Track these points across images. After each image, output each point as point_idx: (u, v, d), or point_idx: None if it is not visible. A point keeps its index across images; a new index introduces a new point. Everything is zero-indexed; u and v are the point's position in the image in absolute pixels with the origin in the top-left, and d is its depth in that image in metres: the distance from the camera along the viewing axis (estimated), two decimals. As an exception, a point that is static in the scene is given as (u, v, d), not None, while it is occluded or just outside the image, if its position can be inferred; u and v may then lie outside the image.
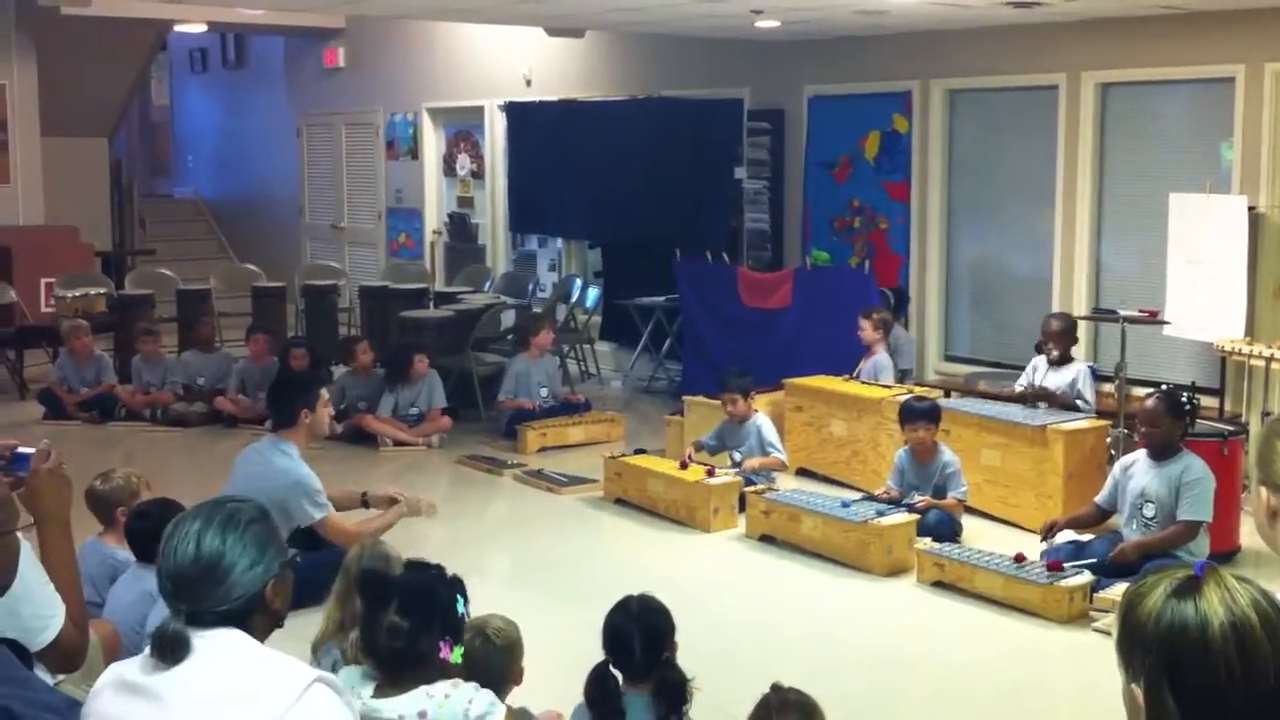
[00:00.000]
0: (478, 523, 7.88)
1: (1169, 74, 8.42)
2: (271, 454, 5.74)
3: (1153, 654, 1.67)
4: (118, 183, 14.89)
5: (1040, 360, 7.70)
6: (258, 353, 9.98)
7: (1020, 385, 7.81)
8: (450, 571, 3.30)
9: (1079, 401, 7.41)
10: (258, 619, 2.30)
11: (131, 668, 2.25)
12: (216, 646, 2.23)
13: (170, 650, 2.21)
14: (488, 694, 2.98)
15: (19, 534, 2.56)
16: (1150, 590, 1.71)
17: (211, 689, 2.18)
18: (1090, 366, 7.79)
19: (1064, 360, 7.60)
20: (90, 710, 2.28)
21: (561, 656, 4.03)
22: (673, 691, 3.62)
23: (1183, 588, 1.68)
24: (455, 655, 3.02)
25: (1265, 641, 1.64)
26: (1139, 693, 1.68)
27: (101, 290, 11.66)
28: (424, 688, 2.90)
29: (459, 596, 3.15)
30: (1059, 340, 7.59)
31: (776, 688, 3.34)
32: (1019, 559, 6.01)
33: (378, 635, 2.95)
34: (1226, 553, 6.42)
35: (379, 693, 3.00)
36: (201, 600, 2.26)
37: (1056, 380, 7.54)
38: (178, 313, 11.69)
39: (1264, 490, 2.01)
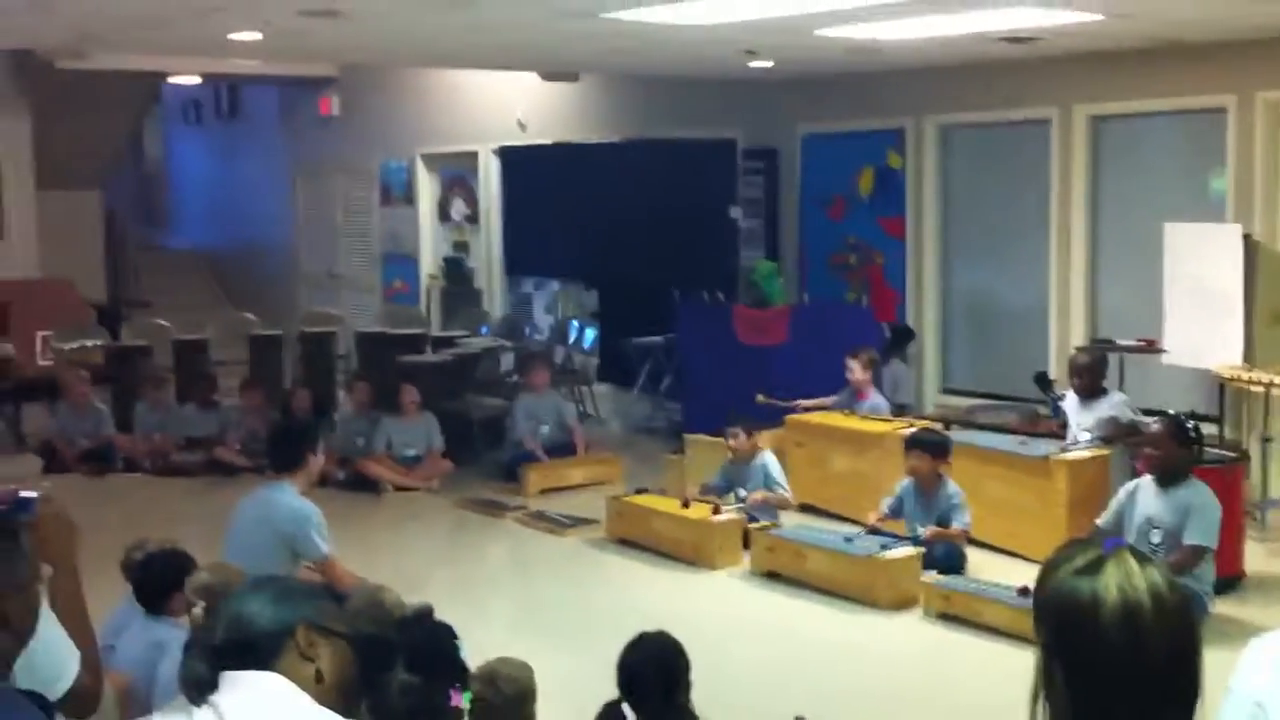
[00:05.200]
0: (481, 566, 7.87)
1: (1161, 105, 8.48)
2: (273, 495, 5.70)
3: (1048, 626, 1.70)
4: (112, 234, 14.92)
5: (1071, 397, 7.46)
6: (252, 405, 10.01)
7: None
8: (440, 618, 3.28)
9: (1139, 425, 7.01)
10: (291, 665, 2.27)
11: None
12: (251, 690, 2.21)
13: (194, 686, 2.21)
14: None
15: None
16: (1062, 562, 1.73)
17: None
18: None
19: (1095, 393, 7.35)
20: None
21: (571, 698, 4.01)
22: None
23: (1087, 566, 1.70)
24: (465, 700, 3.01)
25: (1155, 627, 1.65)
26: (1039, 660, 1.71)
27: (98, 342, 11.66)
28: None
29: (456, 641, 3.13)
30: (1087, 375, 7.33)
31: (797, 721, 3.34)
32: (1024, 592, 5.99)
33: (389, 696, 2.91)
34: (1231, 577, 6.42)
35: None
36: (226, 630, 2.27)
37: (1093, 415, 7.27)
38: (175, 363, 11.67)
39: None
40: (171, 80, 14.33)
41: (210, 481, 9.64)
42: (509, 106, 12.58)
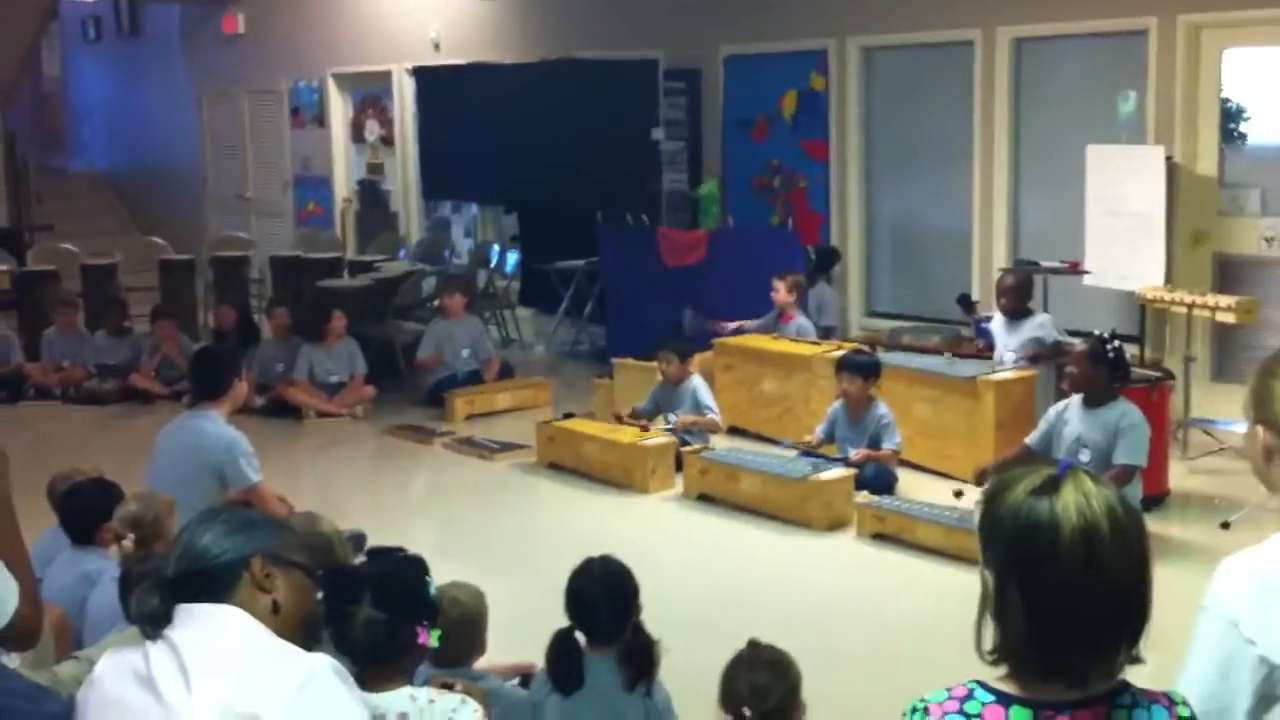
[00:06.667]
0: (411, 492, 7.79)
1: (1082, 28, 8.49)
2: (198, 423, 5.55)
3: (1006, 547, 1.72)
4: (12, 157, 14.41)
5: (997, 317, 7.53)
6: (165, 332, 9.81)
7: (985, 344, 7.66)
8: (412, 551, 3.21)
9: (1064, 345, 7.08)
10: (247, 596, 2.19)
11: (136, 655, 2.15)
12: (206, 623, 2.14)
13: (148, 619, 2.14)
14: (471, 707, 2.85)
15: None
16: (1014, 483, 1.75)
17: (207, 673, 2.08)
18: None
19: (1021, 314, 7.43)
20: (90, 699, 2.18)
21: (510, 624, 3.98)
22: (642, 655, 3.57)
23: (1042, 486, 1.72)
24: (433, 639, 2.94)
25: (1111, 547, 1.68)
26: (990, 580, 1.73)
27: (3, 268, 11.31)
28: (408, 689, 2.79)
29: (427, 577, 3.07)
30: (1014, 295, 7.42)
31: (752, 643, 3.32)
32: (958, 495, 6.10)
33: (353, 630, 2.84)
34: (1157, 496, 6.53)
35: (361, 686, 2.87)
36: (179, 562, 2.20)
37: (1019, 336, 7.35)
38: (83, 288, 11.37)
39: (1261, 429, 2.03)
40: (70, -4, 13.84)
41: (126, 409, 9.44)
42: (423, 25, 12.31)
